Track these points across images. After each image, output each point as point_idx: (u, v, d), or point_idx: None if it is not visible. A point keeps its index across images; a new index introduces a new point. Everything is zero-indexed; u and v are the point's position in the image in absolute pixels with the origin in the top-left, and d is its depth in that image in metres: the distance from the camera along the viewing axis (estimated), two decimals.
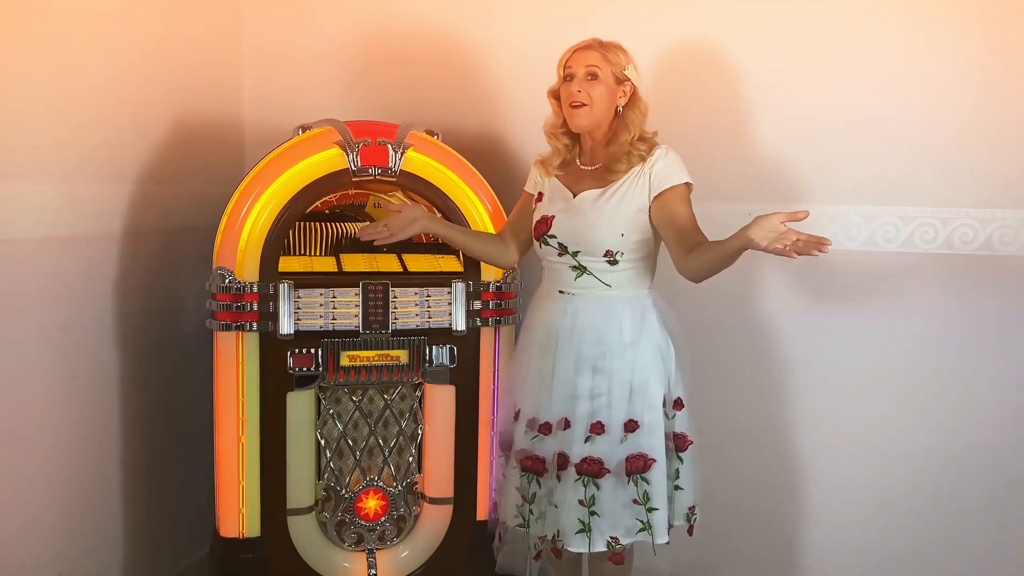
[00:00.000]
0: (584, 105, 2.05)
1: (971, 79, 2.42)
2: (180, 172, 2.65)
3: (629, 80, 2.08)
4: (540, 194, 2.20)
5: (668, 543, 2.05)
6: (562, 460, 2.06)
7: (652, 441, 2.03)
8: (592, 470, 2.02)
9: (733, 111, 2.60)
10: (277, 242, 2.27)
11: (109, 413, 2.44)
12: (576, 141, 2.18)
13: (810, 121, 2.53)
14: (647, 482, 2.02)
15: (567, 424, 2.06)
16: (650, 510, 2.02)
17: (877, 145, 2.49)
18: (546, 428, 2.10)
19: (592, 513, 2.03)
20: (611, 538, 2.03)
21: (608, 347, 2.05)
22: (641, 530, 2.03)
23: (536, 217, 2.18)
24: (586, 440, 2.04)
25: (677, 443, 2.10)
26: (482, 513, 2.45)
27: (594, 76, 2.05)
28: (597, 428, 2.03)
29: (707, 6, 2.59)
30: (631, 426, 2.04)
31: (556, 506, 2.06)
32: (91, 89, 2.29)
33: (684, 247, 1.99)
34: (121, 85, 2.39)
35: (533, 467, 2.11)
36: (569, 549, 2.05)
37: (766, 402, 2.66)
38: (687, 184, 2.06)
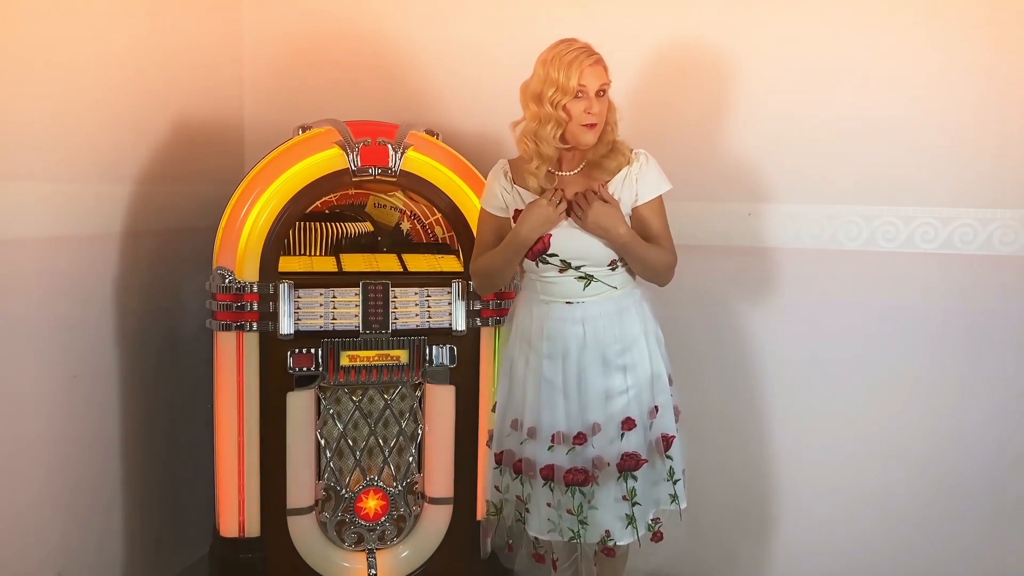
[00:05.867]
0: (596, 124, 2.01)
1: (972, 79, 2.42)
2: (180, 172, 2.65)
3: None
4: (517, 211, 2.09)
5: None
6: (599, 462, 2.07)
7: (667, 421, 2.10)
8: (630, 465, 2.06)
9: (733, 111, 2.60)
10: (277, 242, 2.27)
11: (109, 413, 2.44)
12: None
13: (810, 121, 2.53)
14: (671, 458, 2.09)
15: (596, 429, 2.07)
16: (675, 482, 2.10)
17: (877, 145, 2.49)
18: (580, 439, 2.07)
19: (634, 504, 2.07)
20: (652, 520, 2.10)
21: (626, 343, 2.08)
22: (673, 501, 2.10)
23: None
24: (621, 438, 2.07)
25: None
26: (481, 513, 2.44)
27: (604, 93, 2.01)
28: (629, 424, 2.06)
29: (705, 5, 2.59)
30: (653, 413, 2.09)
31: (596, 508, 2.07)
32: (92, 89, 2.29)
33: None
34: (122, 85, 2.39)
35: (575, 480, 2.06)
36: (620, 544, 2.08)
37: (761, 403, 2.66)
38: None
